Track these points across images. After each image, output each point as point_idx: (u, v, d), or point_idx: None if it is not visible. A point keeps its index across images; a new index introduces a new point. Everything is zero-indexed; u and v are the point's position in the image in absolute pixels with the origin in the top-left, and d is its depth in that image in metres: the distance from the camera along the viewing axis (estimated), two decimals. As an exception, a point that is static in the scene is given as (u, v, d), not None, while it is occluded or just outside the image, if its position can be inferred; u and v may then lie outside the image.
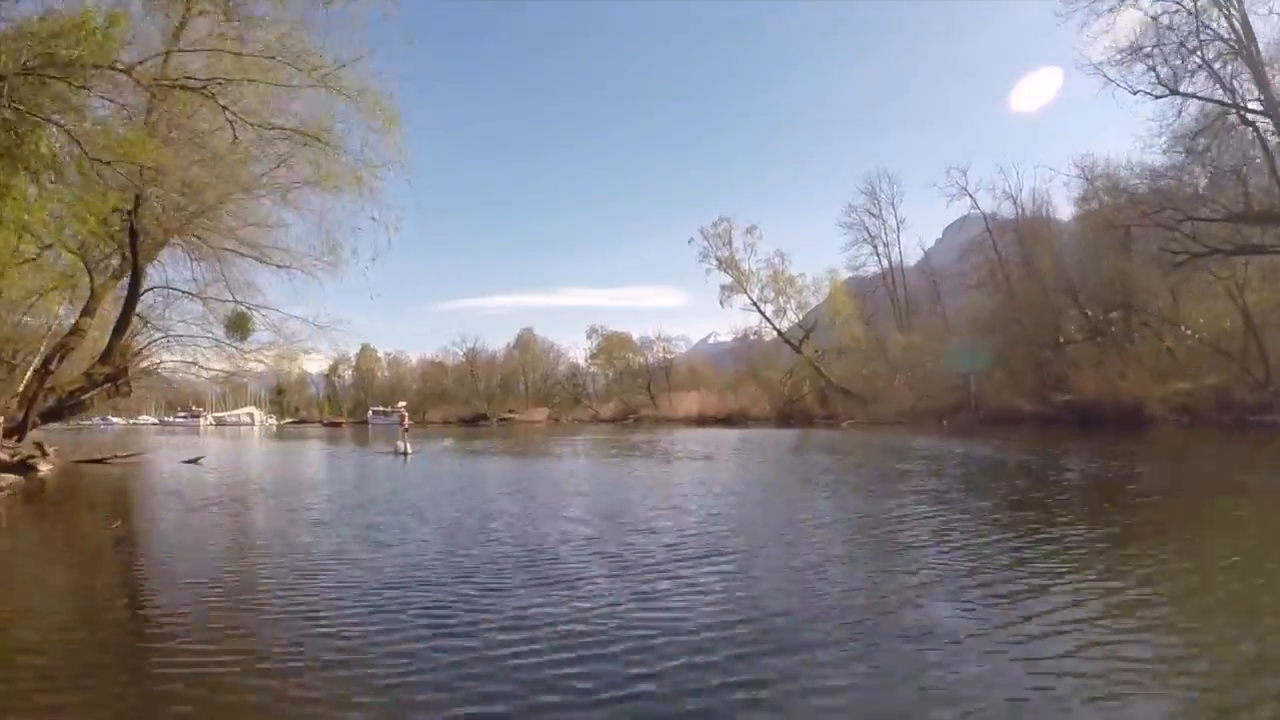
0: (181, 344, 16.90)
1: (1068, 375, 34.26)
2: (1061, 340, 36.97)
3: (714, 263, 60.49)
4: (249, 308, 16.24)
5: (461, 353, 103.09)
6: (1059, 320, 37.93)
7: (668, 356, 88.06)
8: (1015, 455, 17.29)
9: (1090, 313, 35.48)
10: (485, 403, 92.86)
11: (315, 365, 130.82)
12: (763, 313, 60.25)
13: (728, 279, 60.28)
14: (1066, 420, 31.16)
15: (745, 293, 59.91)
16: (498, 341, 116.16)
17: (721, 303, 60.78)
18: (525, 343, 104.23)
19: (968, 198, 48.96)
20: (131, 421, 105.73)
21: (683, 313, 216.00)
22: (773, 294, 59.84)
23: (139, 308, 15.49)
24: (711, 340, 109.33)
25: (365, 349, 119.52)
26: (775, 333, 60.36)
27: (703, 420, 59.27)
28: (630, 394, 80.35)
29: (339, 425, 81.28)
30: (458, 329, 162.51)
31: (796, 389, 55.55)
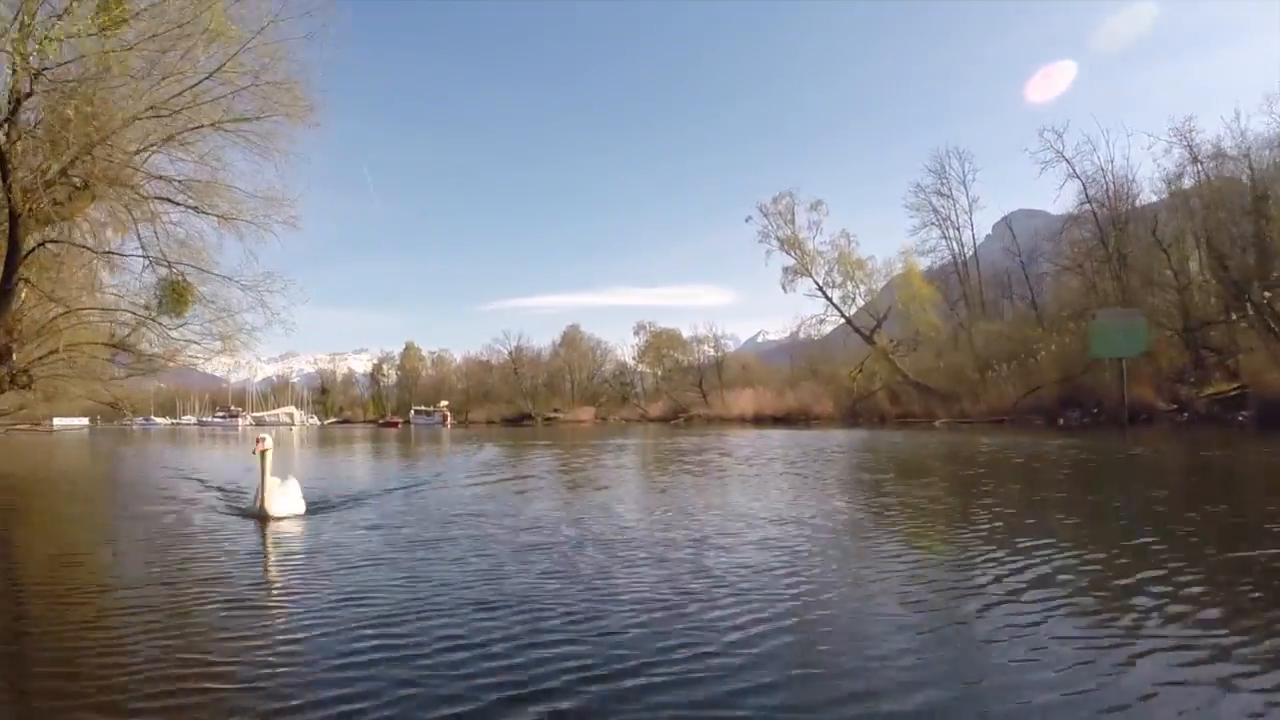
0: (93, 322, 12.99)
1: (1220, 364, 28.39)
2: (1213, 320, 30.85)
3: (774, 243, 53.59)
4: (172, 267, 12.07)
5: (506, 351, 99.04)
6: (1196, 298, 32.03)
7: (719, 353, 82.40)
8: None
9: (1241, 284, 29.24)
10: (530, 402, 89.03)
11: (361, 365, 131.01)
12: (829, 298, 53.31)
13: (790, 260, 53.33)
14: (1222, 418, 25.29)
15: (809, 275, 52.94)
16: (543, 339, 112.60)
17: (784, 287, 53.52)
18: (571, 340, 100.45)
19: (1064, 163, 42.41)
20: (174, 422, 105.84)
21: (730, 311, 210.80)
22: (840, 278, 52.99)
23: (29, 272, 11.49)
24: (760, 339, 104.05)
25: (409, 348, 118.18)
26: (843, 321, 53.64)
27: (759, 419, 54.25)
28: (680, 392, 75.45)
29: (394, 425, 75.99)
30: (503, 329, 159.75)
31: (867, 384, 49.73)
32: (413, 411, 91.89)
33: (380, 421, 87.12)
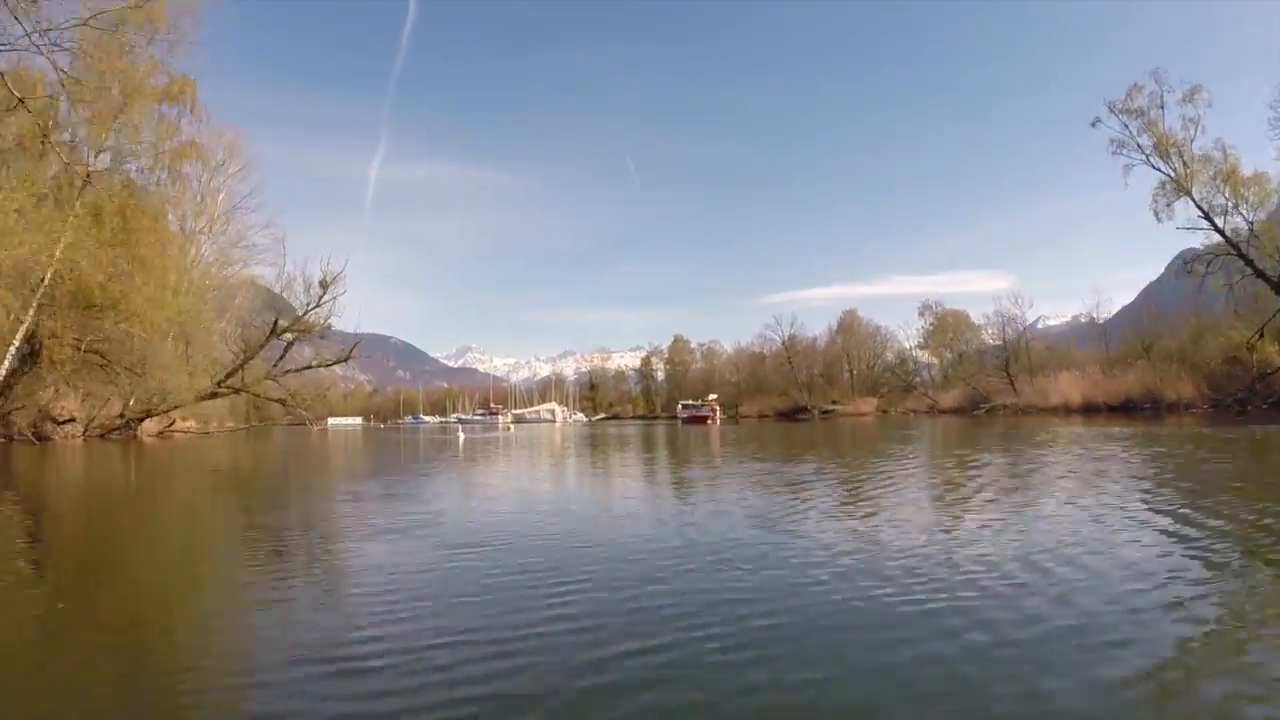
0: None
1: None
2: None
3: (1136, 152, 40.07)
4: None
5: (778, 339, 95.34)
6: None
7: (1023, 332, 69.27)
8: None
9: None
10: (806, 394, 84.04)
11: (631, 362, 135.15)
12: (1220, 230, 39.14)
13: (1163, 172, 39.47)
14: None
15: (1188, 194, 38.82)
16: (817, 327, 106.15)
17: (1157, 215, 39.97)
18: (848, 326, 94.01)
19: None
20: (442, 420, 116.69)
21: (1007, 299, 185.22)
22: (1226, 200, 38.46)
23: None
24: (1040, 325, 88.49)
25: (678, 340, 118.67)
26: (1241, 263, 38.94)
27: (1088, 409, 44.62)
28: (978, 379, 65.54)
29: (703, 420, 69.93)
30: (775, 315, 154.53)
31: (1268, 361, 37.50)
32: (680, 406, 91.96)
33: (685, 417, 78.60)
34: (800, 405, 79.92)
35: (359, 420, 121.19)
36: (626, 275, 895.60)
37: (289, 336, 37.84)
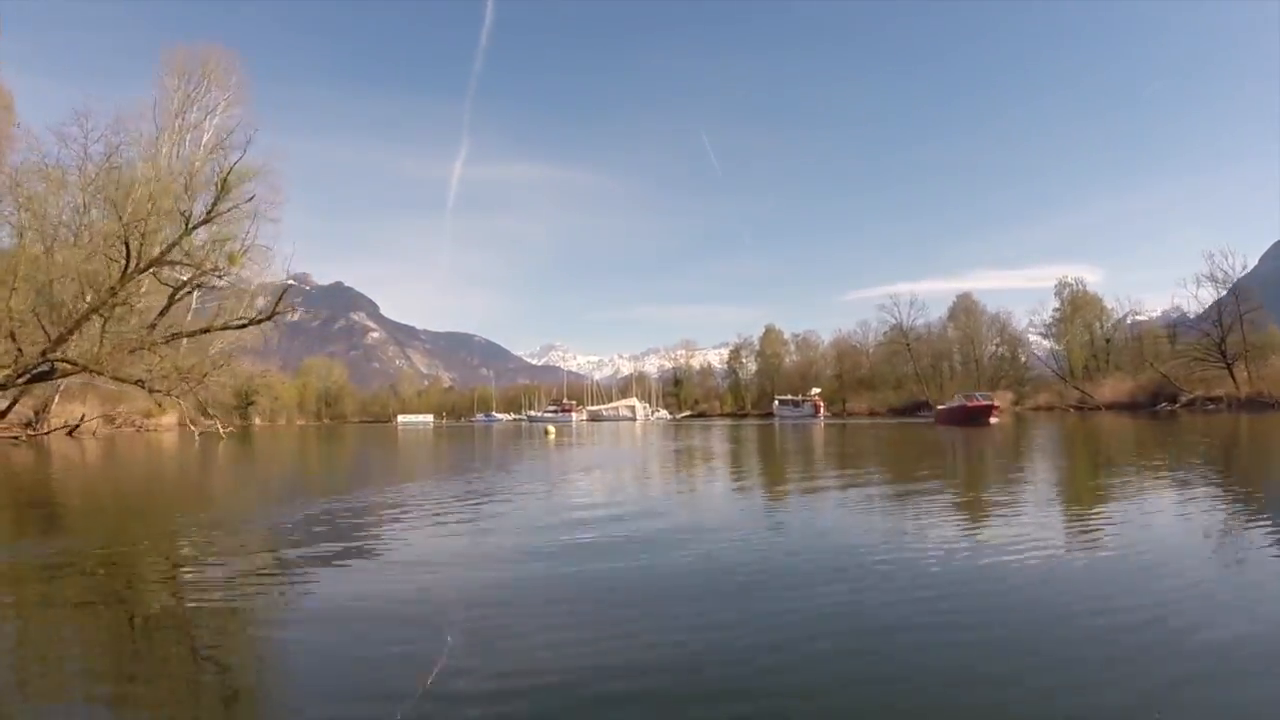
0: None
1: None
2: None
3: None
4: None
5: (892, 324, 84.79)
6: None
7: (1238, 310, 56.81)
8: None
9: None
10: (924, 387, 73.08)
11: (717, 360, 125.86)
12: None
13: None
14: None
15: None
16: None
17: None
18: (967, 311, 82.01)
19: None
20: (514, 417, 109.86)
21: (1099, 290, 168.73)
22: None
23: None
24: (1129, 320, 76.14)
25: (770, 331, 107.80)
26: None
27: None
28: (1172, 367, 53.33)
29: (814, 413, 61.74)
30: (889, 295, 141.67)
31: None
32: (776, 403, 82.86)
33: (788, 415, 71.79)
34: (919, 401, 69.02)
35: (430, 418, 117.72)
36: (709, 273, 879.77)
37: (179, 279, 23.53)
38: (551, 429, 39.33)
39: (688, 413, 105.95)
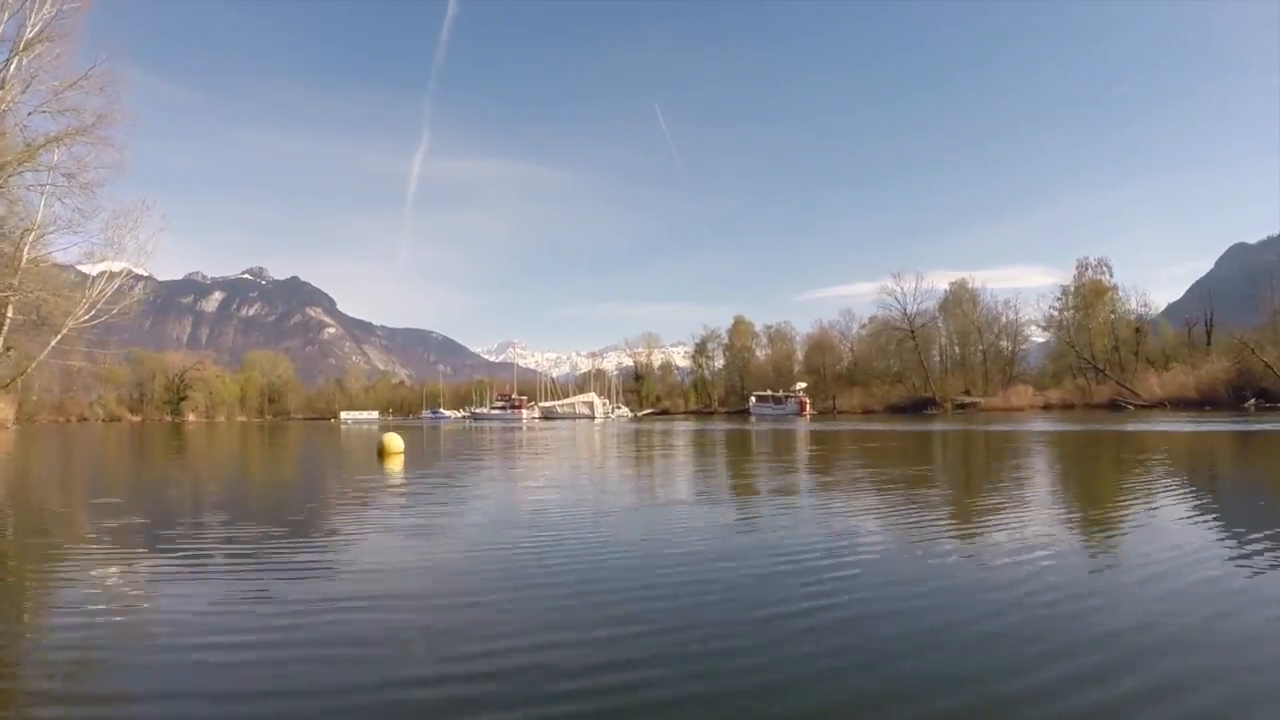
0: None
1: None
2: None
3: None
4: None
5: (864, 319, 73.47)
6: None
7: None
8: None
9: None
10: (931, 382, 61.94)
11: (680, 358, 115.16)
12: None
13: None
14: None
15: None
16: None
17: None
18: (959, 299, 71.57)
19: None
20: (462, 414, 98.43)
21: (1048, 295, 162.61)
22: None
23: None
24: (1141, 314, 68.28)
25: (739, 322, 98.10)
26: None
27: None
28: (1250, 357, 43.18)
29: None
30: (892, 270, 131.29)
31: None
32: (753, 400, 71.95)
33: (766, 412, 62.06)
34: (925, 397, 58.12)
35: (375, 415, 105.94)
36: (672, 271, 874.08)
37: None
38: (396, 439, 16.79)
39: (650, 410, 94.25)
